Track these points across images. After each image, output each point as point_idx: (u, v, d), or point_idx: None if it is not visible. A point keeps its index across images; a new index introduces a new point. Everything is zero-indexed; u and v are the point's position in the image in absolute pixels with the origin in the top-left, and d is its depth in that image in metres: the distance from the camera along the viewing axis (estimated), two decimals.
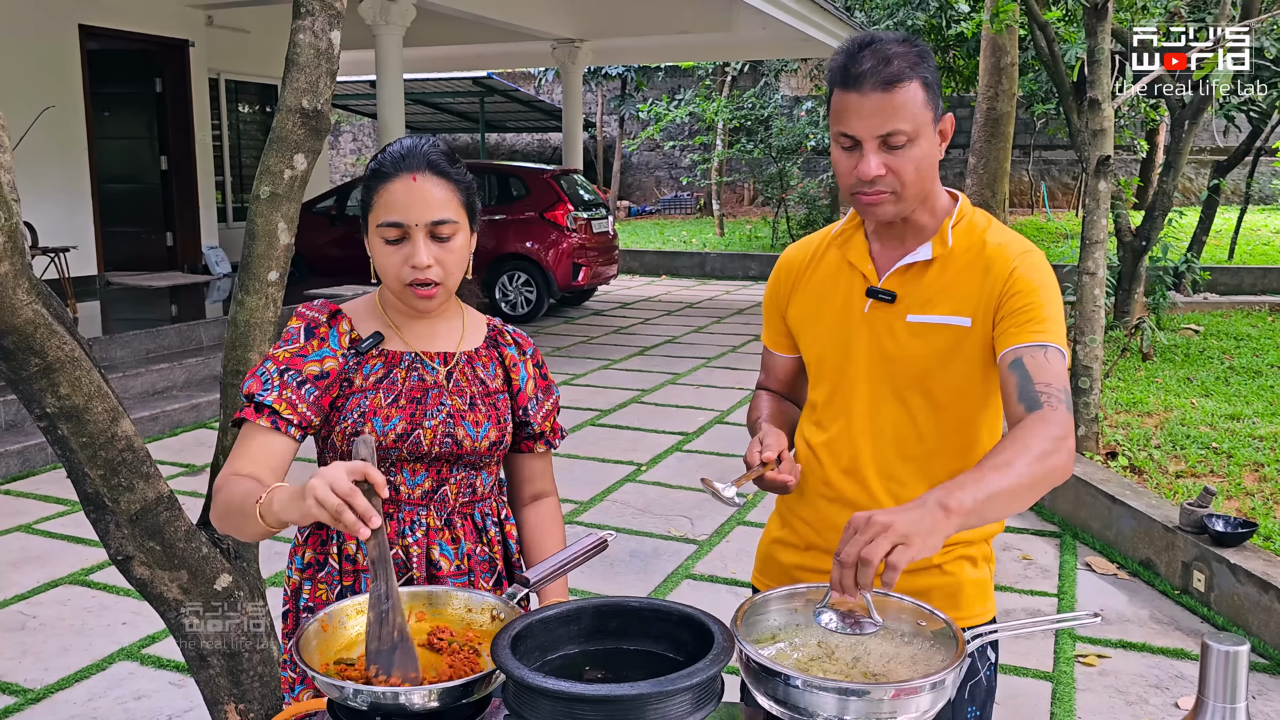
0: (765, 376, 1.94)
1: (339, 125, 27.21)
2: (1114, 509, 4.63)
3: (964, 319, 1.63)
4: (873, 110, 1.53)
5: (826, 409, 1.75)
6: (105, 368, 2.21)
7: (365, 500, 1.26)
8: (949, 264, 1.66)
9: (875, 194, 1.58)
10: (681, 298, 13.92)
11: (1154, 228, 8.80)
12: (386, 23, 9.25)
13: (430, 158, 1.63)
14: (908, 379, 1.67)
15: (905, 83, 1.53)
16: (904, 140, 1.54)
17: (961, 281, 1.65)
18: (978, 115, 14.41)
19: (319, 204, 11.79)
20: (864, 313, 1.69)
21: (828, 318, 1.74)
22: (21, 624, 3.99)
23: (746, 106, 20.80)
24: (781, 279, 1.84)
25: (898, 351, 1.66)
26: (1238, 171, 14.23)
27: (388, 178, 1.61)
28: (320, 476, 1.28)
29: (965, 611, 1.72)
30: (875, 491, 1.70)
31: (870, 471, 1.70)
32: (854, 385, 1.71)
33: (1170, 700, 3.43)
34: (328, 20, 2.23)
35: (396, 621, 1.33)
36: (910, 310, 1.66)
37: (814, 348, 1.77)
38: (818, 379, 1.78)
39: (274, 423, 1.57)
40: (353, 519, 1.25)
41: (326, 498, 1.26)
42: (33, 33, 9.18)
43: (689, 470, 5.95)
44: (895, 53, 1.54)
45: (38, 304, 1.89)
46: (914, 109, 1.54)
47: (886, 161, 1.56)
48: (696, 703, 1.17)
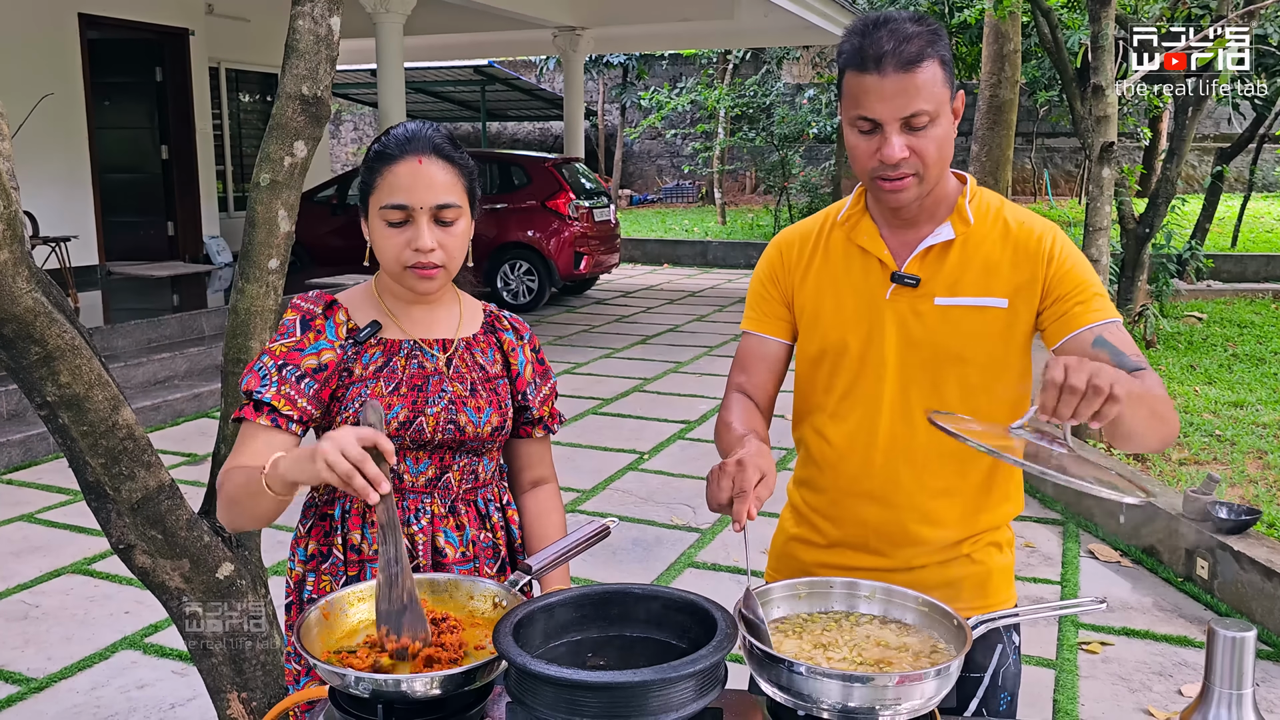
0: (745, 375, 1.79)
1: (340, 114, 27.17)
2: None
3: (999, 300, 1.62)
4: (894, 92, 1.49)
5: (846, 399, 1.69)
6: (107, 357, 2.20)
7: (375, 466, 1.28)
8: (971, 243, 1.64)
9: (899, 176, 1.55)
10: (683, 286, 13.90)
11: (1157, 215, 8.78)
12: (387, 10, 9.21)
13: (435, 141, 1.62)
14: (938, 363, 1.64)
15: (925, 62, 1.49)
16: (926, 121, 1.51)
17: (989, 262, 1.63)
18: (980, 102, 14.35)
19: (320, 193, 11.77)
20: (886, 299, 1.65)
21: (847, 305, 1.68)
22: (24, 613, 4.00)
23: (748, 94, 20.76)
24: (784, 262, 1.75)
25: (926, 336, 1.63)
26: (1241, 159, 14.19)
27: (392, 159, 1.60)
28: (331, 440, 1.29)
29: (993, 599, 1.73)
30: (905, 483, 1.66)
31: (901, 462, 1.66)
32: (879, 373, 1.66)
33: (1174, 687, 3.43)
34: (327, 6, 2.22)
35: (406, 585, 1.35)
36: (937, 293, 1.63)
37: (831, 335, 1.69)
38: (835, 369, 1.70)
39: (274, 420, 1.56)
40: (363, 484, 1.28)
41: (337, 462, 1.28)
42: (33, 21, 9.16)
43: (691, 459, 5.95)
44: (912, 32, 1.50)
45: (37, 292, 1.88)
46: (935, 88, 1.51)
47: (909, 143, 1.52)
48: (699, 690, 1.17)
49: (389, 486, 1.29)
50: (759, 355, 1.78)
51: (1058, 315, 1.60)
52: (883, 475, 1.67)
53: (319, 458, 1.29)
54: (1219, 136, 18.56)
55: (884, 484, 1.67)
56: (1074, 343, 1.57)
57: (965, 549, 1.70)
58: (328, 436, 1.31)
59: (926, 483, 1.66)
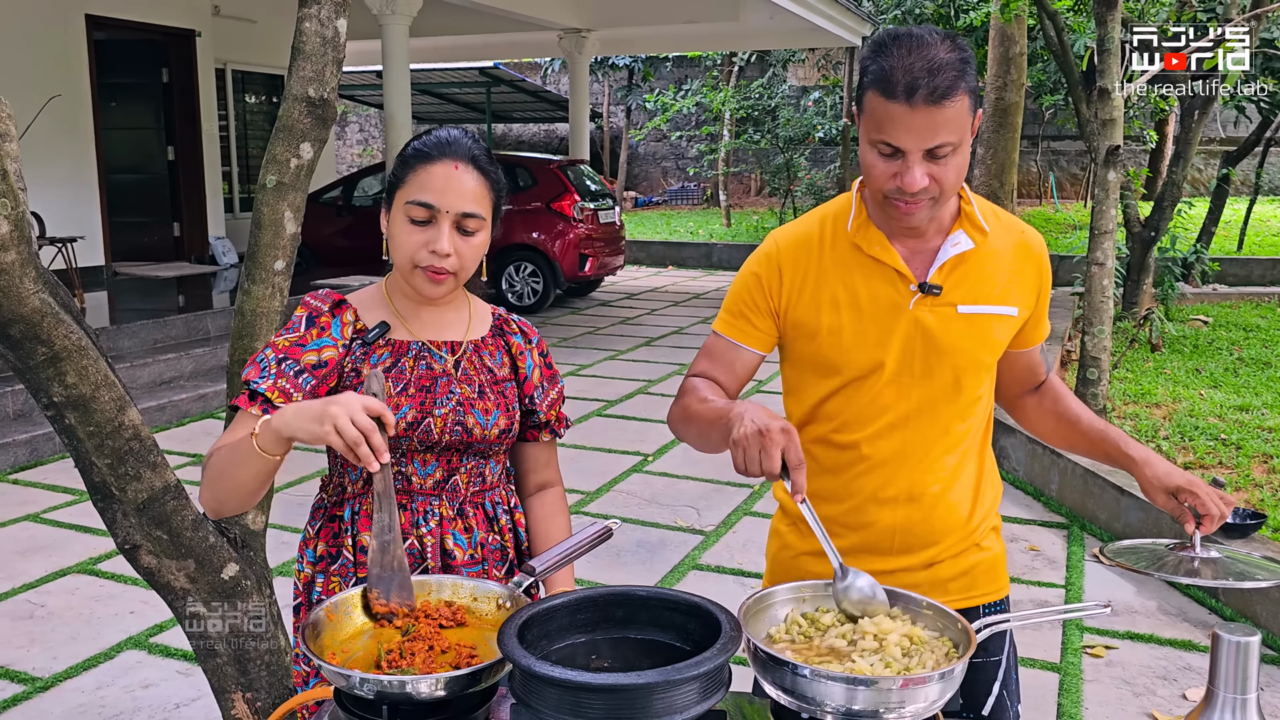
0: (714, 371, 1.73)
1: (345, 116, 27.21)
2: (1122, 500, 4.61)
3: (1011, 308, 1.68)
4: (923, 126, 1.47)
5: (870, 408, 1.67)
6: (113, 358, 2.21)
7: (380, 436, 1.34)
8: (983, 252, 1.66)
9: (915, 201, 1.54)
10: (688, 288, 13.90)
11: (1163, 218, 8.77)
12: (393, 12, 9.23)
13: (474, 152, 1.65)
14: (956, 370, 1.66)
15: (955, 96, 1.46)
16: (949, 151, 1.50)
17: (999, 270, 1.67)
18: (986, 105, 14.33)
19: (325, 194, 11.79)
20: (910, 309, 1.64)
21: (867, 317, 1.65)
22: (30, 613, 4.01)
23: (753, 97, 20.77)
24: (780, 275, 1.69)
25: (951, 344, 1.65)
26: (1247, 162, 14.17)
27: (429, 159, 1.62)
28: (340, 405, 1.33)
29: (1001, 582, 1.81)
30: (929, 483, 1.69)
31: (925, 463, 1.69)
32: (908, 382, 1.66)
33: (1178, 691, 3.42)
34: (334, 8, 2.22)
35: (397, 553, 1.41)
36: (960, 301, 1.65)
37: (858, 349, 1.65)
38: (862, 382, 1.67)
39: (265, 411, 1.56)
40: (367, 452, 1.33)
41: (346, 428, 1.32)
42: (40, 23, 9.18)
43: (695, 461, 5.94)
44: (943, 61, 1.46)
45: (44, 293, 1.89)
46: (961, 120, 1.49)
47: (930, 170, 1.51)
48: (703, 692, 1.17)
49: (389, 456, 1.35)
50: (729, 360, 1.73)
51: (1031, 326, 1.74)
52: (910, 478, 1.69)
53: (327, 420, 1.33)
54: (1225, 140, 18.53)
55: (911, 486, 1.69)
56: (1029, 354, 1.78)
57: (975, 538, 1.76)
58: (334, 400, 1.35)
59: (944, 480, 1.70)
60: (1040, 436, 1.91)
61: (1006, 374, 1.81)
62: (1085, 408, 1.82)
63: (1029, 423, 1.89)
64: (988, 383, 1.74)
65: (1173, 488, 1.60)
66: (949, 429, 1.69)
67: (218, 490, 1.55)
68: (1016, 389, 1.87)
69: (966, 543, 1.75)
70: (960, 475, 1.72)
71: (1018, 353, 1.78)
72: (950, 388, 1.67)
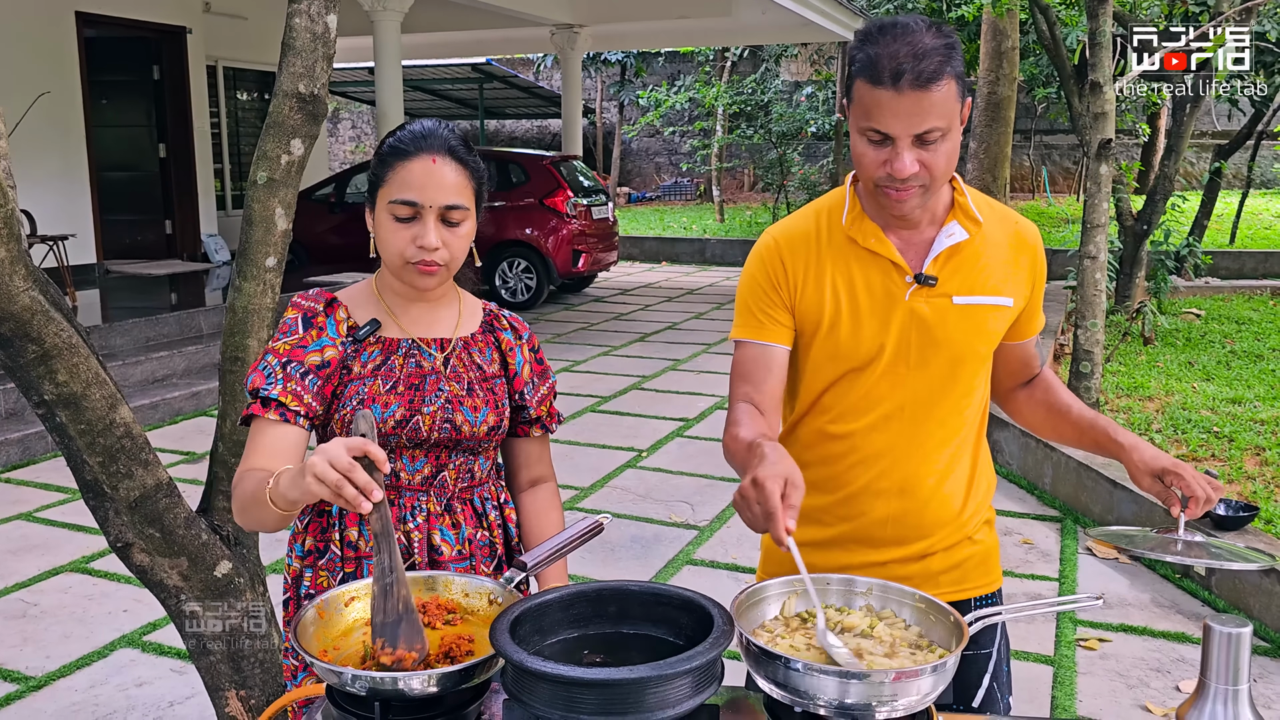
0: (750, 385, 1.69)
1: (337, 113, 27.15)
2: (1115, 493, 4.63)
3: (1006, 299, 1.69)
4: (910, 110, 1.48)
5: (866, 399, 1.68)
6: (105, 356, 2.21)
7: (365, 474, 1.25)
8: (978, 243, 1.67)
9: (906, 188, 1.55)
10: (682, 284, 13.90)
11: (1155, 212, 8.79)
12: (385, 8, 9.21)
13: (450, 142, 1.64)
14: (952, 361, 1.67)
15: (942, 80, 1.47)
16: (938, 136, 1.51)
17: (994, 261, 1.68)
18: (978, 99, 14.35)
19: (317, 191, 11.76)
20: (906, 300, 1.65)
21: (863, 307, 1.65)
22: (23, 612, 4.00)
23: (746, 92, 20.77)
24: (784, 265, 1.69)
25: (946, 335, 1.65)
26: (1239, 155, 14.19)
27: (406, 155, 1.61)
28: (320, 453, 1.27)
29: (994, 575, 1.82)
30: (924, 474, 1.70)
31: (919, 455, 1.70)
32: (903, 373, 1.67)
33: (1171, 683, 3.43)
34: (324, 4, 2.21)
35: (401, 594, 1.33)
36: (955, 292, 1.65)
37: (855, 341, 1.66)
38: (860, 373, 1.68)
39: (282, 415, 1.58)
40: (353, 493, 1.25)
41: (326, 473, 1.25)
42: (30, 19, 9.14)
43: (689, 456, 5.95)
44: (929, 46, 1.47)
45: (35, 290, 1.88)
46: (949, 105, 1.50)
47: (920, 157, 1.52)
48: (696, 686, 1.17)
49: (381, 494, 1.27)
50: (763, 364, 1.69)
51: (1026, 318, 1.75)
52: (905, 470, 1.70)
53: (308, 471, 1.27)
54: (1217, 133, 18.57)
55: (905, 478, 1.70)
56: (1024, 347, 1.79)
57: (968, 530, 1.76)
58: (317, 450, 1.28)
59: (939, 471, 1.71)
60: (1031, 428, 1.91)
61: (1001, 368, 1.82)
62: (1076, 399, 1.82)
63: (1020, 415, 1.90)
64: (983, 375, 1.74)
65: (1159, 470, 1.59)
66: (944, 421, 1.70)
67: (247, 520, 1.56)
68: (1010, 382, 1.87)
69: (959, 535, 1.75)
70: (955, 468, 1.72)
71: (1013, 345, 1.79)
72: (946, 379, 1.67)
